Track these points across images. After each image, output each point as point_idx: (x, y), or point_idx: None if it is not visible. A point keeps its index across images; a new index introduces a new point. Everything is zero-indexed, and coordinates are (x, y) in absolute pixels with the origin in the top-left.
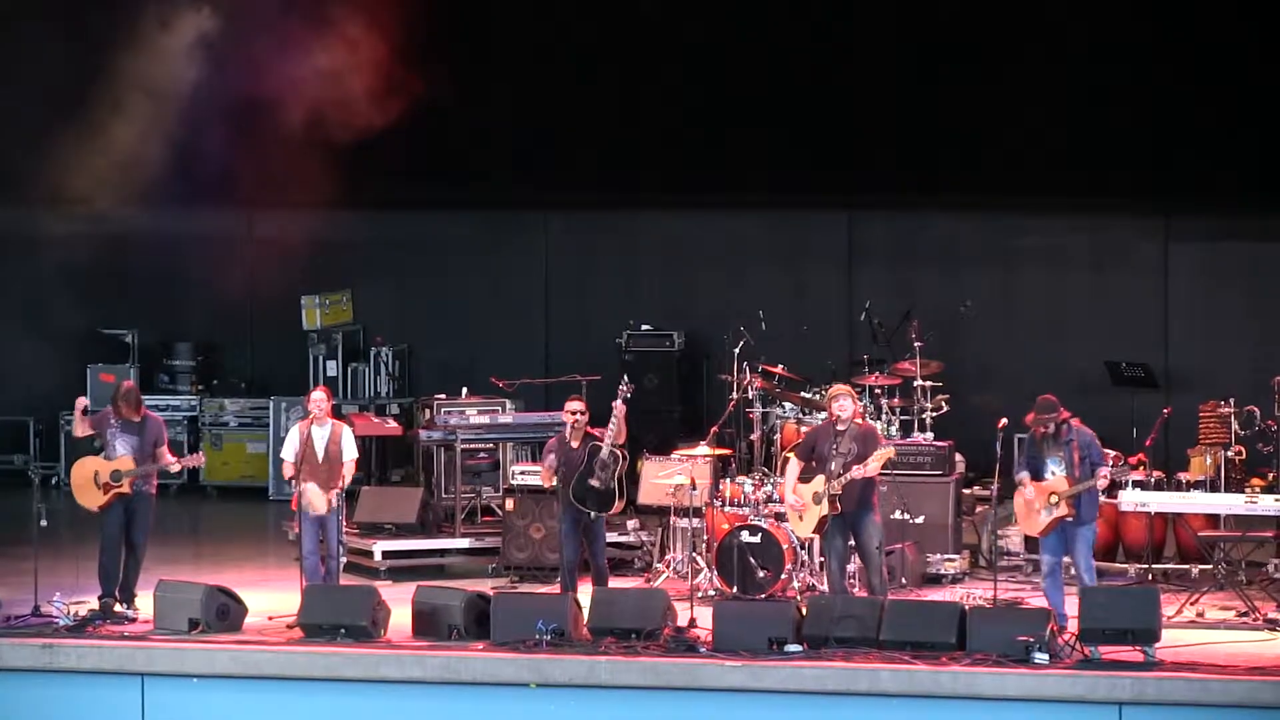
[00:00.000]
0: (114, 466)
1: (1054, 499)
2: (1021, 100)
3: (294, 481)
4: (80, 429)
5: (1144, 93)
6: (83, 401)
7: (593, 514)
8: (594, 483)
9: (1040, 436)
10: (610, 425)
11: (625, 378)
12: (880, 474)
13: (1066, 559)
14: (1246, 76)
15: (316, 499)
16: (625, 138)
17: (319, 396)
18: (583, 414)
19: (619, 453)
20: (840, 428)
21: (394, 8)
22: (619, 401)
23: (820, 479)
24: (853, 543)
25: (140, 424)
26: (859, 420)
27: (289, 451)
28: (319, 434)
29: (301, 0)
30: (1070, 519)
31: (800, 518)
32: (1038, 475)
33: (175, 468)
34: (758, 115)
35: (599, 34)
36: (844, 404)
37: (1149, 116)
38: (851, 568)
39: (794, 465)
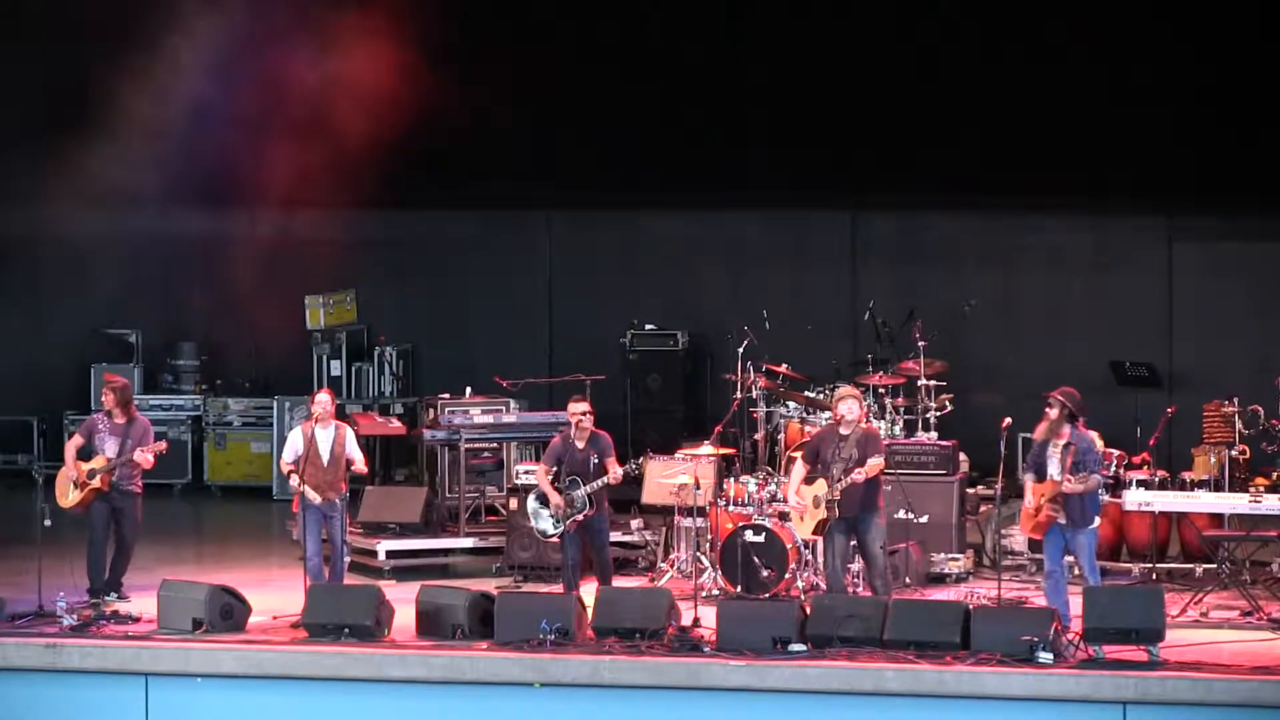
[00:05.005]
0: (90, 466)
1: (1043, 499)
2: (1023, 100)
3: (294, 477)
4: (71, 453)
5: (1146, 92)
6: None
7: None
8: (556, 502)
9: (1042, 431)
10: (605, 480)
11: (636, 461)
12: (884, 472)
13: (1070, 559)
14: (1248, 75)
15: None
16: (628, 137)
17: (324, 398)
18: (587, 414)
19: (589, 500)
20: (844, 431)
21: (397, 9)
22: (620, 472)
23: (822, 483)
24: (855, 543)
25: (127, 425)
26: (864, 424)
27: (289, 453)
28: (323, 436)
29: (307, 3)
30: (1061, 522)
31: (801, 519)
32: (1042, 477)
33: (148, 462)
34: (761, 114)
35: (601, 33)
36: (849, 406)
37: (1150, 116)
38: (855, 567)
39: (799, 467)
